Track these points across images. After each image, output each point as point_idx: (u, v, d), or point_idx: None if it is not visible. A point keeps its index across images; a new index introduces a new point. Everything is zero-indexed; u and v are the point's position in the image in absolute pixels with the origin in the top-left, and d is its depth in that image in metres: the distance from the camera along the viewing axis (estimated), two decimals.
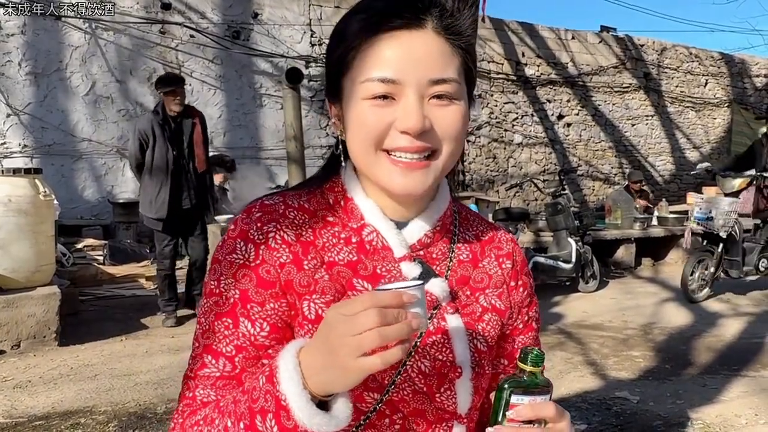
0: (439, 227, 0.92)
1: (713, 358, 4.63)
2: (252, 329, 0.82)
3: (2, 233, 4.58)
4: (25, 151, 8.26)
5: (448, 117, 0.82)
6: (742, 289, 6.86)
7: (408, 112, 0.79)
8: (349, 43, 0.82)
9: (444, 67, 0.81)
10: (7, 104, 8.15)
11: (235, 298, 0.83)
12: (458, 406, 0.87)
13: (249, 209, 0.88)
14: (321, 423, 0.70)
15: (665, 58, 13.73)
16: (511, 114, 11.84)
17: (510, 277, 0.98)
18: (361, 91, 0.81)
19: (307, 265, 0.84)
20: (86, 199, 8.70)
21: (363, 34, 0.81)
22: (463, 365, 0.87)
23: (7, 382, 3.97)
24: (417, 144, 0.80)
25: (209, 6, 9.33)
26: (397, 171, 0.82)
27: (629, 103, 13.24)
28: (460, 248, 0.95)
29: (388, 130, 0.81)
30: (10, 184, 4.66)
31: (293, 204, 0.89)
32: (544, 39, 12.15)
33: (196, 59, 9.27)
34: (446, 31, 0.82)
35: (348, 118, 0.84)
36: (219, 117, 9.49)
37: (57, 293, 4.68)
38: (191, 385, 0.83)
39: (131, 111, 8.91)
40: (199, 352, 0.84)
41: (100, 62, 8.70)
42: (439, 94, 0.81)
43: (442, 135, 0.82)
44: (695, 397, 3.78)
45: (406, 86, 0.79)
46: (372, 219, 0.89)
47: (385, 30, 0.80)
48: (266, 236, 0.84)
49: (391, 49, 0.80)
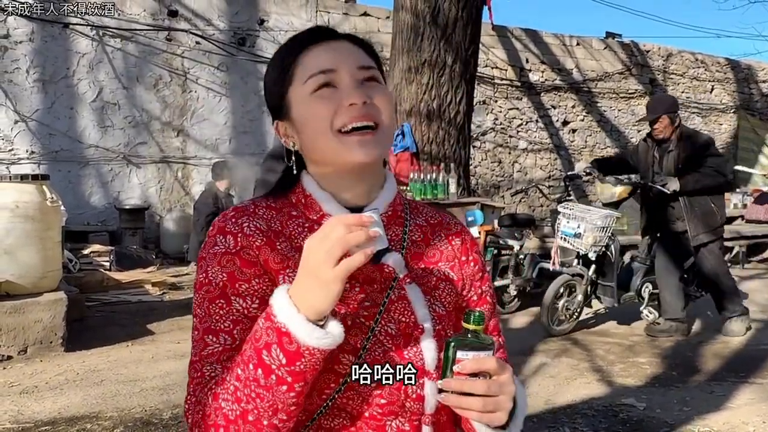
0: (390, 212, 1.04)
1: (720, 364, 4.60)
2: (244, 303, 0.92)
3: (10, 239, 4.61)
4: (33, 158, 8.31)
5: (382, 94, 0.98)
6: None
7: (350, 88, 0.95)
8: (289, 60, 1.00)
9: (366, 59, 1.00)
10: (15, 111, 8.21)
11: (224, 281, 0.93)
12: (426, 363, 0.95)
13: (224, 213, 1.01)
14: (320, 336, 0.80)
15: (671, 64, 13.72)
16: (516, 120, 11.84)
17: (461, 252, 1.09)
18: (307, 89, 0.97)
19: (279, 246, 0.96)
20: (93, 205, 8.74)
21: (296, 52, 0.99)
22: (424, 323, 0.97)
23: (13, 387, 3.98)
24: (363, 112, 0.94)
25: (215, 13, 9.38)
26: (354, 141, 0.94)
27: (635, 109, 13.21)
28: (413, 230, 1.07)
29: (337, 112, 0.94)
30: (18, 190, 4.69)
31: (261, 204, 1.02)
32: (549, 45, 12.15)
33: (201, 66, 9.32)
34: (359, 43, 1.02)
35: (301, 118, 0.99)
36: (224, 123, 9.53)
37: (64, 299, 4.70)
38: (197, 367, 0.91)
39: (138, 117, 8.96)
40: (200, 337, 0.92)
41: (107, 69, 8.75)
42: (369, 77, 0.98)
43: (379, 107, 0.97)
44: (702, 404, 3.76)
45: (342, 71, 0.96)
46: (329, 209, 1.00)
47: (315, 43, 0.99)
48: (241, 227, 0.96)
49: (322, 51, 0.98)
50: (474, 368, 0.87)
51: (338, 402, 0.92)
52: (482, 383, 0.87)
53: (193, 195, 9.02)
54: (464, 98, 6.17)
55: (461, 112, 6.15)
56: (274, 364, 0.80)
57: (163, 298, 6.66)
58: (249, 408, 0.82)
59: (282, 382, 0.81)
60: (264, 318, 0.82)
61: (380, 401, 0.93)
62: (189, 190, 9.34)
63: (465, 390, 0.87)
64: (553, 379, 4.17)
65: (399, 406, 0.93)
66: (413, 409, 0.94)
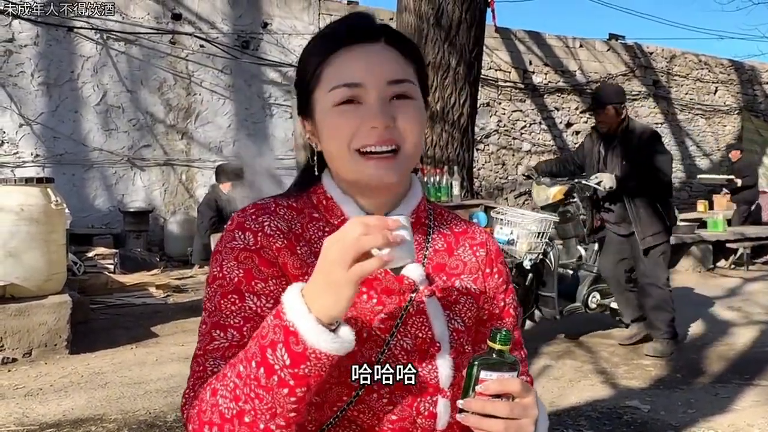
0: (413, 219, 0.99)
1: (725, 367, 4.59)
2: (258, 302, 0.89)
3: (14, 242, 4.62)
4: (37, 161, 8.34)
5: (408, 113, 0.93)
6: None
7: (374, 109, 0.90)
8: (317, 60, 0.94)
9: (401, 70, 0.94)
10: (20, 114, 8.24)
11: (240, 276, 0.90)
12: (440, 381, 0.93)
13: (243, 209, 0.98)
14: (328, 340, 0.76)
15: (674, 66, 13.70)
16: (519, 122, 11.84)
17: (485, 264, 1.06)
18: (330, 99, 0.92)
19: (299, 250, 0.93)
20: (97, 208, 8.76)
21: (327, 50, 0.93)
22: (441, 341, 0.94)
23: (18, 389, 3.99)
24: (384, 137, 0.90)
25: (219, 16, 9.40)
26: (371, 164, 0.91)
27: (639, 111, 13.20)
28: (436, 239, 1.03)
29: (359, 129, 0.90)
30: (22, 193, 4.70)
31: (282, 203, 0.98)
32: (552, 47, 12.16)
33: (205, 69, 9.34)
34: (397, 43, 0.95)
35: (322, 127, 0.94)
36: (228, 126, 9.55)
37: (68, 301, 4.71)
38: (200, 361, 0.88)
39: (142, 120, 8.99)
40: (207, 330, 0.89)
41: (111, 72, 8.78)
42: (399, 93, 0.92)
43: (404, 130, 0.92)
44: (707, 407, 3.75)
45: (369, 88, 0.91)
46: (351, 214, 0.96)
47: (346, 45, 0.93)
48: (262, 225, 0.93)
49: (353, 59, 0.92)
50: (498, 390, 0.84)
51: (349, 414, 0.90)
52: (505, 405, 0.84)
53: (197, 198, 9.04)
54: (468, 100, 6.16)
55: (465, 114, 6.15)
56: (277, 365, 0.76)
57: (167, 301, 6.67)
58: (246, 408, 0.78)
59: (284, 384, 0.76)
60: (273, 315, 0.79)
61: (392, 417, 0.91)
62: (193, 192, 9.36)
63: (487, 411, 0.84)
64: (557, 381, 4.17)
65: (410, 422, 0.91)
66: (425, 426, 0.92)
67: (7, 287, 4.58)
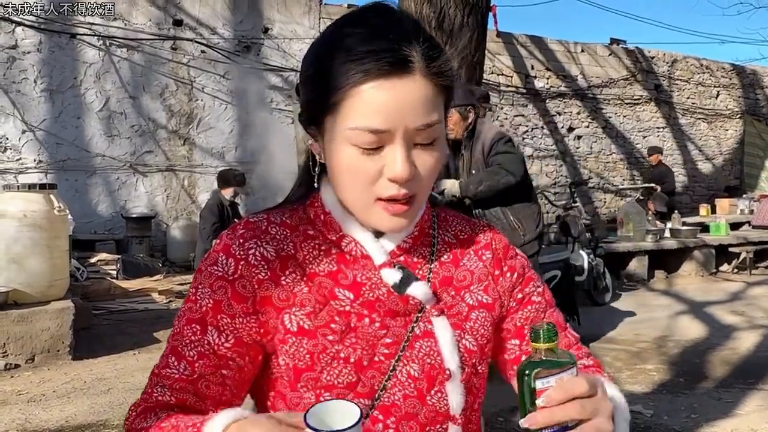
0: (417, 232, 0.93)
1: (728, 371, 4.58)
2: (217, 339, 0.84)
3: (17, 248, 4.63)
4: (40, 167, 8.35)
5: (428, 163, 0.84)
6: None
7: (397, 162, 0.80)
8: (334, 85, 0.80)
9: (431, 113, 0.81)
10: (23, 120, 8.26)
11: (208, 306, 0.85)
12: (451, 408, 0.87)
13: (235, 226, 0.91)
14: None
15: (676, 70, 13.70)
16: (522, 127, 11.84)
17: (492, 267, 0.97)
18: (348, 137, 0.80)
19: (284, 280, 0.86)
20: (100, 213, 8.77)
21: (349, 78, 0.79)
22: (451, 367, 0.87)
23: (21, 395, 3.99)
24: (403, 192, 0.82)
25: (220, 21, 9.43)
26: (387, 216, 0.84)
27: (640, 115, 13.20)
28: (441, 250, 0.95)
29: (377, 178, 0.82)
30: (25, 199, 4.72)
31: (276, 220, 0.91)
32: (554, 52, 12.17)
33: (207, 74, 9.36)
34: (434, 74, 0.81)
35: (333, 157, 0.84)
36: (230, 132, 9.56)
37: (71, 307, 4.71)
38: (153, 381, 0.85)
39: (144, 126, 9.00)
40: (167, 352, 0.86)
41: (114, 78, 8.80)
42: (425, 141, 0.82)
43: (421, 180, 0.84)
44: (710, 411, 3.74)
45: (395, 134, 0.80)
46: (350, 230, 0.90)
47: (374, 76, 0.78)
48: (246, 252, 0.86)
49: (380, 97, 0.78)
50: (563, 398, 0.72)
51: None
52: (574, 406, 0.72)
53: (199, 203, 9.04)
54: None
55: None
56: None
57: (169, 306, 6.67)
58: None
59: None
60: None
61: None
62: (195, 198, 9.36)
63: (557, 420, 0.72)
64: None
65: None
66: None
67: (10, 293, 4.58)
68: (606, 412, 0.75)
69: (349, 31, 0.82)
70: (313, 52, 0.86)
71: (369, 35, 0.80)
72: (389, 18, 0.82)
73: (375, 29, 0.81)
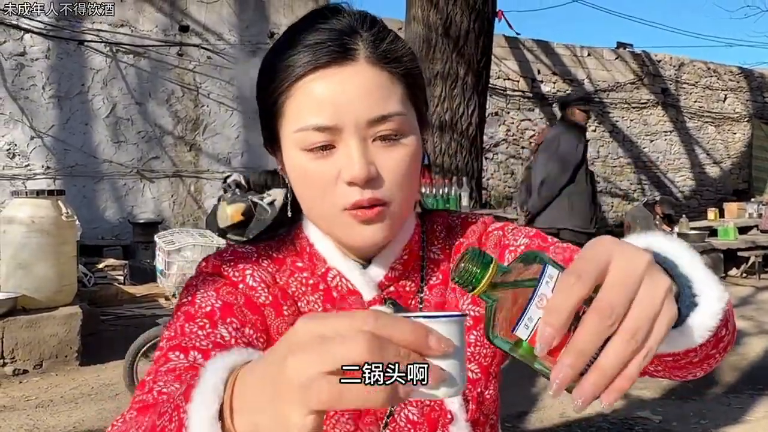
0: (407, 255, 0.83)
1: (737, 377, 4.54)
2: (233, 333, 0.71)
3: (25, 254, 4.65)
4: (48, 173, 8.39)
5: (394, 161, 0.74)
6: None
7: (351, 161, 0.72)
8: (277, 85, 0.75)
9: (384, 102, 0.73)
10: (31, 127, 8.30)
11: (215, 307, 0.73)
12: None
13: (221, 251, 0.83)
14: None
15: (683, 74, 13.67)
16: (528, 131, 11.83)
17: None
18: (297, 141, 0.74)
19: (286, 311, 0.78)
20: (107, 219, 8.80)
21: (290, 74, 0.73)
22: (453, 408, 0.79)
23: (29, 401, 4.00)
24: (368, 195, 0.73)
25: (226, 27, 9.47)
26: (355, 224, 0.75)
27: (647, 119, 13.17)
28: (430, 272, 0.85)
29: (335, 183, 0.74)
30: (33, 205, 4.73)
31: (263, 253, 0.83)
32: (560, 56, 12.16)
33: (213, 80, 9.40)
34: (382, 60, 0.74)
35: (290, 170, 0.77)
36: (237, 137, 9.59)
37: (78, 313, 4.72)
38: (146, 384, 0.66)
39: (151, 132, 9.04)
40: (163, 353, 0.69)
41: (121, 85, 8.85)
42: (383, 134, 0.73)
43: (390, 182, 0.74)
44: (720, 417, 3.71)
45: (345, 131, 0.72)
46: (334, 261, 0.81)
47: (314, 68, 0.72)
48: (243, 274, 0.79)
49: (322, 90, 0.72)
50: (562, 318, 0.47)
51: None
52: (592, 322, 0.47)
53: (205, 209, 9.06)
54: (476, 110, 6.19)
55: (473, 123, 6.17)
56: None
57: None
58: None
59: None
60: (186, 385, 0.53)
61: None
62: (202, 203, 9.39)
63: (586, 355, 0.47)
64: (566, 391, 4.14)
65: None
66: None
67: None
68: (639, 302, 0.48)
69: (295, 30, 0.78)
70: (263, 59, 0.81)
71: (311, 31, 0.75)
72: (335, 14, 0.77)
73: (318, 24, 0.76)
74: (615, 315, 0.47)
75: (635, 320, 0.47)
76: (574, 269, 0.48)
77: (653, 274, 0.49)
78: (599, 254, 0.49)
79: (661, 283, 0.49)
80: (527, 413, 3.81)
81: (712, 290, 0.56)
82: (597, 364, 0.48)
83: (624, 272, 0.48)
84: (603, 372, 0.47)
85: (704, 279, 0.57)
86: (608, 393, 0.48)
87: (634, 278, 0.48)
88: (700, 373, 0.71)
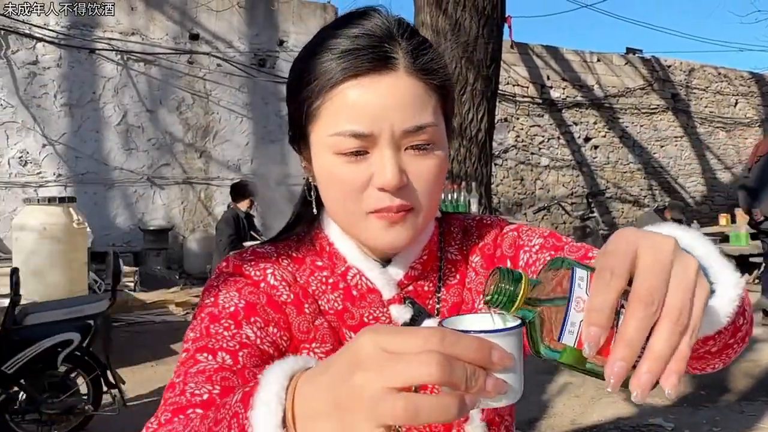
0: (426, 256, 0.85)
1: (751, 384, 4.50)
2: (258, 333, 0.74)
3: (37, 260, 4.68)
4: (60, 180, 8.45)
5: (425, 170, 0.76)
6: None
7: (384, 169, 0.73)
8: (313, 88, 0.76)
9: (420, 113, 0.74)
10: (43, 134, 8.37)
11: (239, 307, 0.75)
12: None
13: (240, 252, 0.84)
14: None
15: (693, 79, 13.61)
16: (538, 137, 11.81)
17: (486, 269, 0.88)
18: (330, 145, 0.75)
19: (307, 309, 0.79)
20: (118, 226, 8.85)
21: (327, 79, 0.74)
22: None
23: None
24: (397, 202, 0.74)
25: (236, 35, 9.52)
26: (381, 226, 0.76)
27: (657, 125, 13.12)
28: (448, 273, 0.87)
29: (365, 188, 0.75)
30: (45, 212, 4.77)
31: (283, 252, 0.85)
32: (569, 62, 12.14)
33: (223, 88, 9.44)
34: (420, 71, 0.75)
35: (319, 172, 0.79)
36: (246, 145, 9.63)
37: None
38: (176, 386, 0.67)
39: (161, 140, 9.09)
40: (189, 357, 0.71)
41: (132, 93, 8.91)
42: (416, 144, 0.75)
43: (419, 190, 0.76)
44: (732, 425, 3.68)
45: (380, 139, 0.73)
46: (353, 260, 0.82)
47: (353, 75, 0.73)
48: (264, 273, 0.80)
49: (361, 97, 0.73)
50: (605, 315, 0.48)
51: None
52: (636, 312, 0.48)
53: (215, 215, 9.10)
54: (486, 116, 6.16)
55: (483, 129, 6.14)
56: None
57: (187, 318, 6.70)
58: None
59: None
60: (243, 392, 0.52)
61: None
62: (212, 210, 9.43)
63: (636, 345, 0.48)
64: (578, 398, 4.11)
65: None
66: None
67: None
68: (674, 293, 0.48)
69: (330, 33, 0.77)
70: (296, 60, 0.82)
71: (350, 35, 0.75)
72: (373, 18, 0.77)
73: (357, 28, 0.76)
74: (656, 301, 0.48)
75: (676, 301, 0.48)
76: (605, 266, 0.49)
77: (681, 255, 0.50)
78: (625, 246, 0.50)
79: (690, 262, 0.50)
80: (538, 420, 3.79)
81: (728, 277, 0.58)
82: (649, 352, 0.48)
83: (654, 258, 0.49)
84: (657, 358, 0.48)
85: (720, 267, 0.58)
86: (667, 378, 0.50)
87: (665, 262, 0.49)
88: (719, 365, 0.70)
